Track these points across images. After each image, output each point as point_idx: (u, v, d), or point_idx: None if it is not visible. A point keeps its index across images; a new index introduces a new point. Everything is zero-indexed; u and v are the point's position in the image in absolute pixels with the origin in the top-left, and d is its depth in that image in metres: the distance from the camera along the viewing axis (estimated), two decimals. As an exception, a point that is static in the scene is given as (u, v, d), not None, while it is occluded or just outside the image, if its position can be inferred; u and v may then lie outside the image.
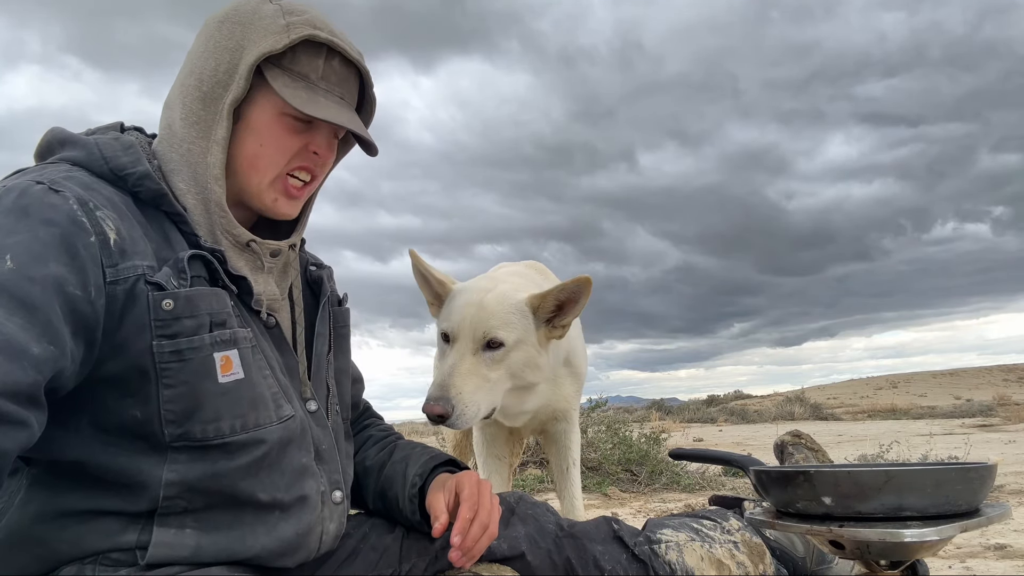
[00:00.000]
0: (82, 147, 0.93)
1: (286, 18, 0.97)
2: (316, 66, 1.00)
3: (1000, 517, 0.95)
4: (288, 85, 0.97)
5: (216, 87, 0.96)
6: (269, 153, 1.00)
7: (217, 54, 0.97)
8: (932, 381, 25.55)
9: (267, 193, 1.02)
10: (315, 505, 1.00)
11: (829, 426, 11.31)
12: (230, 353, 0.91)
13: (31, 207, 0.81)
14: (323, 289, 1.17)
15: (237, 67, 0.96)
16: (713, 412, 16.07)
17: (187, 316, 0.88)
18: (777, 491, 1.04)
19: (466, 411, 1.39)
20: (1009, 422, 10.63)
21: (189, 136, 0.97)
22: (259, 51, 0.95)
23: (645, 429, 5.51)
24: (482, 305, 1.47)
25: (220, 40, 0.97)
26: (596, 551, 1.16)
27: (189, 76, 0.99)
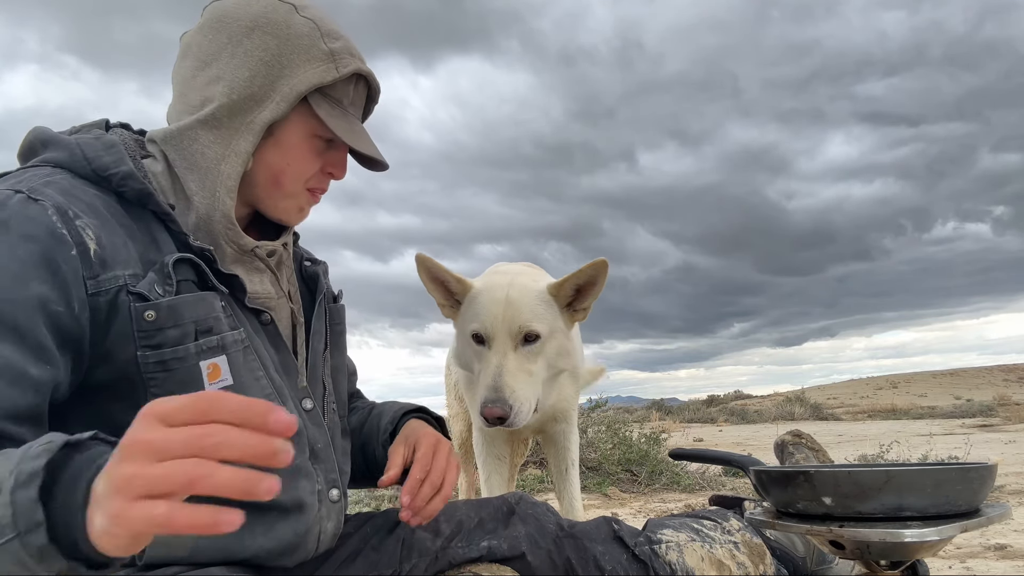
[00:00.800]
0: (63, 148, 0.92)
1: (327, 43, 0.98)
2: (348, 92, 1.03)
3: (1000, 517, 0.95)
4: (331, 115, 1.00)
5: (248, 100, 0.95)
6: (294, 171, 1.02)
7: (251, 65, 0.95)
8: (932, 381, 25.55)
9: (290, 207, 1.05)
10: (312, 505, 1.00)
11: (829, 426, 11.31)
12: (217, 360, 0.90)
13: (11, 221, 0.80)
14: (319, 286, 1.17)
15: (276, 86, 0.95)
16: (713, 412, 16.07)
17: (170, 326, 0.87)
18: (777, 491, 1.04)
19: (522, 408, 1.41)
20: (1009, 422, 10.63)
21: (207, 139, 0.96)
22: (310, 82, 0.96)
23: (645, 429, 5.51)
24: (510, 301, 1.47)
25: (253, 51, 0.96)
26: (596, 551, 1.16)
27: (217, 83, 0.96)
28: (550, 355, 1.51)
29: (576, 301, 1.56)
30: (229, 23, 0.97)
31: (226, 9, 0.99)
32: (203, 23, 1.00)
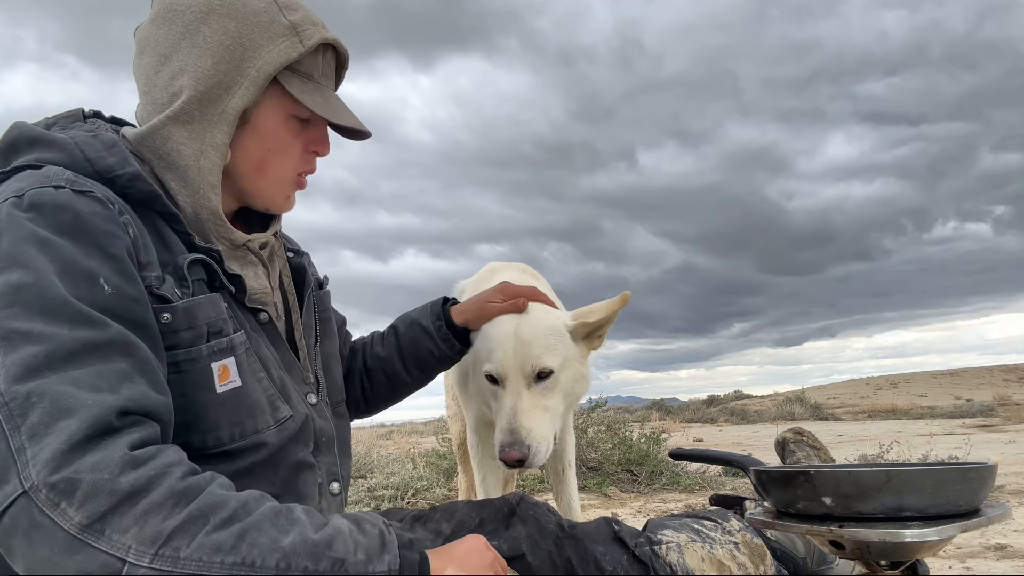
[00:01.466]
0: (59, 148, 0.87)
1: (286, 16, 0.94)
2: (318, 63, 1.00)
3: (1000, 517, 0.95)
4: (304, 91, 0.96)
5: (215, 88, 0.92)
6: (277, 157, 0.99)
7: (213, 52, 0.91)
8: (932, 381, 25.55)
9: (278, 194, 1.02)
10: (313, 497, 1.00)
11: (829, 426, 11.31)
12: (227, 361, 0.90)
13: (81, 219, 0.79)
14: (306, 280, 1.15)
15: (242, 70, 0.92)
16: (713, 412, 16.07)
17: (185, 328, 0.86)
18: (777, 491, 1.04)
19: (540, 448, 1.39)
20: (1009, 422, 10.63)
21: (181, 136, 0.92)
22: (276, 61, 0.92)
23: (645, 429, 5.50)
24: (520, 338, 1.43)
25: (212, 36, 0.91)
26: (597, 552, 1.16)
27: (180, 76, 0.91)
28: (565, 387, 1.49)
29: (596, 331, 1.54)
30: (182, 11, 0.93)
31: None
32: (155, 15, 0.95)
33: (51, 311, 0.72)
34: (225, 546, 0.67)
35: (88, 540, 0.64)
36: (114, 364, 0.74)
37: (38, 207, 0.78)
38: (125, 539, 0.64)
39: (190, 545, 0.66)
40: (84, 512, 0.64)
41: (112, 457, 0.67)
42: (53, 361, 0.70)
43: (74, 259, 0.76)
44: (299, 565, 0.69)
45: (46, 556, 0.64)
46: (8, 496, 0.65)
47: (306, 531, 0.72)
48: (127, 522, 0.65)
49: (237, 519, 0.69)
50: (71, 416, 0.67)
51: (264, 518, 0.71)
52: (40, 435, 0.66)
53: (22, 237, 0.76)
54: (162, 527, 0.66)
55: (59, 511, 0.64)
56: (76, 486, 0.65)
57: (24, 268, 0.73)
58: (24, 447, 0.65)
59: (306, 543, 0.70)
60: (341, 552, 0.72)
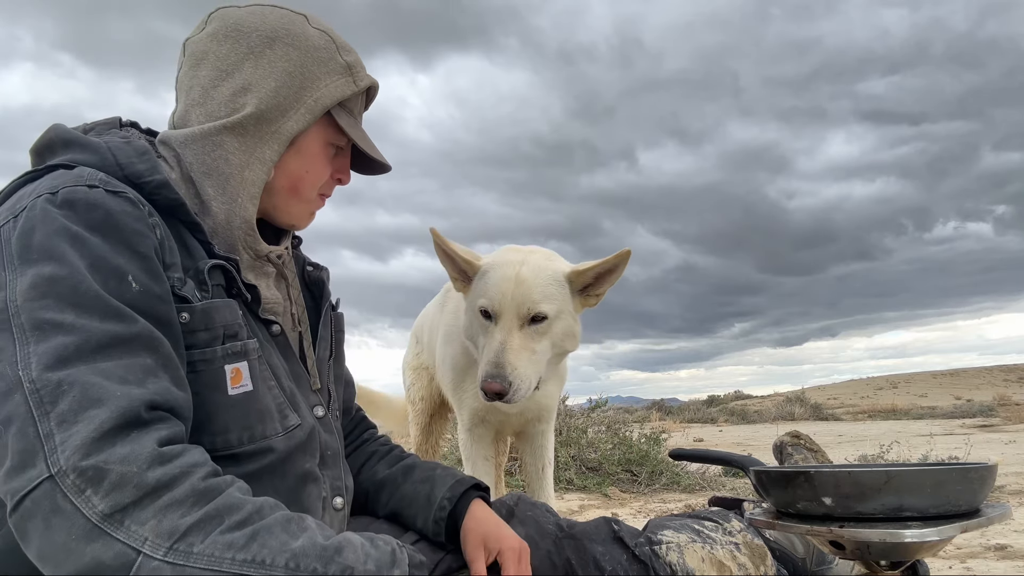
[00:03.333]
0: (92, 151, 0.90)
1: (343, 56, 1.03)
2: (359, 102, 1.08)
3: (1000, 517, 0.95)
4: (351, 125, 1.04)
5: (273, 110, 0.97)
6: (311, 179, 1.05)
7: (277, 76, 0.97)
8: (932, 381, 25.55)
9: (304, 213, 1.08)
10: (316, 510, 0.99)
11: (829, 426, 11.31)
12: (240, 365, 0.91)
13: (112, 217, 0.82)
14: (324, 293, 1.18)
15: (300, 98, 0.98)
16: (713, 412, 16.08)
17: (202, 329, 0.88)
18: (777, 492, 1.04)
19: (521, 386, 1.41)
20: (1009, 422, 10.63)
21: (232, 145, 0.96)
22: (334, 96, 1.00)
23: (645, 429, 5.50)
24: (520, 280, 1.46)
25: (276, 61, 0.98)
26: (596, 552, 1.16)
27: (243, 93, 0.96)
28: (556, 336, 1.50)
29: (592, 286, 1.56)
30: (247, 32, 0.98)
31: (241, 17, 1.00)
32: (216, 31, 0.99)
33: (83, 304, 0.75)
34: (237, 544, 0.69)
35: (107, 529, 0.66)
36: (140, 359, 0.76)
37: (71, 204, 0.81)
38: (143, 531, 0.66)
39: (204, 541, 0.68)
40: (108, 501, 0.66)
41: (142, 451, 0.69)
42: (84, 352, 0.72)
43: (104, 255, 0.79)
44: (308, 566, 0.71)
45: (62, 542, 0.66)
46: (33, 480, 0.67)
47: (316, 537, 0.74)
48: (147, 515, 0.67)
49: (251, 521, 0.72)
50: (101, 406, 0.69)
51: (276, 522, 0.73)
52: (69, 422, 0.68)
53: (55, 231, 0.78)
54: (179, 523, 0.68)
55: (83, 498, 0.66)
56: (104, 475, 0.66)
57: (57, 261, 0.76)
58: (53, 433, 0.67)
59: (315, 547, 0.73)
60: (351, 560, 0.74)
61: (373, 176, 1.17)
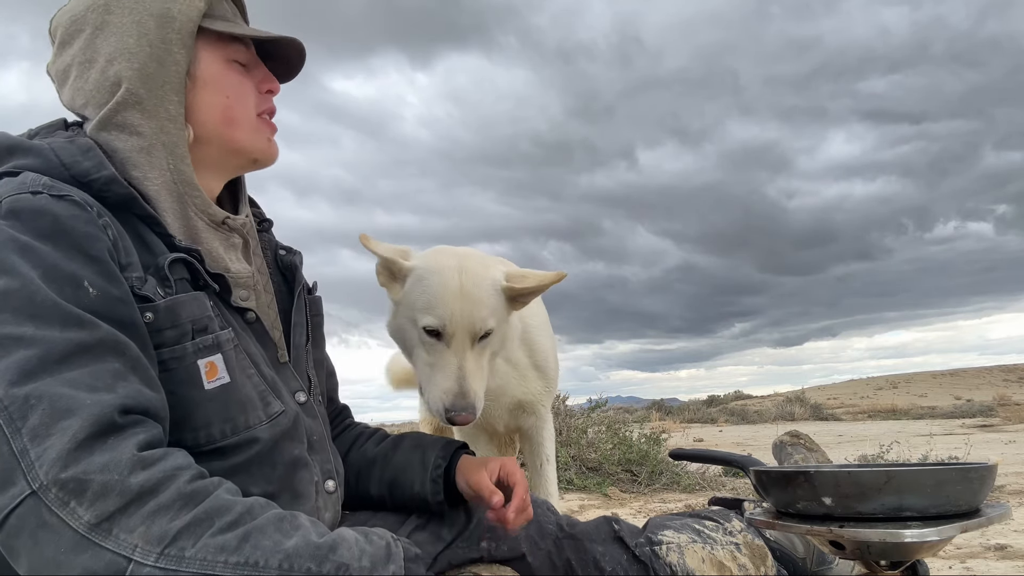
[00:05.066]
0: (36, 154, 0.88)
1: None
2: (224, 9, 1.02)
3: (1000, 517, 0.95)
4: (230, 28, 0.98)
5: (149, 63, 0.92)
6: (235, 102, 1.00)
7: (129, 32, 0.93)
8: (932, 381, 25.55)
9: (258, 139, 1.03)
10: (309, 495, 0.99)
11: (829, 426, 11.31)
12: (214, 358, 0.90)
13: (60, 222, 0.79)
14: (297, 277, 1.15)
15: (165, 36, 0.93)
16: (713, 412, 16.07)
17: (168, 327, 0.86)
18: (777, 491, 1.04)
19: (480, 407, 1.39)
20: (1009, 422, 10.63)
21: (135, 118, 0.92)
22: (191, 14, 0.94)
23: (645, 429, 5.50)
24: (466, 294, 1.40)
25: (122, 21, 0.93)
26: (597, 552, 1.16)
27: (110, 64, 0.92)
28: (496, 344, 1.49)
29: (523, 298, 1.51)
30: (82, 18, 0.95)
31: (70, 9, 0.97)
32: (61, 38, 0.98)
33: (40, 314, 0.73)
34: (229, 547, 0.68)
35: (95, 539, 0.65)
36: (107, 364, 0.74)
37: (16, 213, 0.79)
38: (132, 538, 0.66)
39: (195, 545, 0.67)
40: (94, 511, 0.65)
41: (121, 458, 0.68)
42: (47, 363, 0.71)
43: (56, 263, 0.77)
44: (302, 567, 0.70)
45: (51, 556, 0.65)
46: (15, 497, 0.66)
47: (310, 535, 0.73)
48: (135, 522, 0.66)
49: (242, 522, 0.71)
50: (72, 416, 0.68)
51: (268, 522, 0.72)
52: (42, 436, 0.67)
53: (2, 243, 0.76)
54: (168, 527, 0.67)
55: (68, 510, 0.65)
56: (87, 485, 0.66)
57: (8, 274, 0.74)
58: (27, 449, 0.66)
59: (309, 546, 0.72)
60: (345, 557, 0.73)
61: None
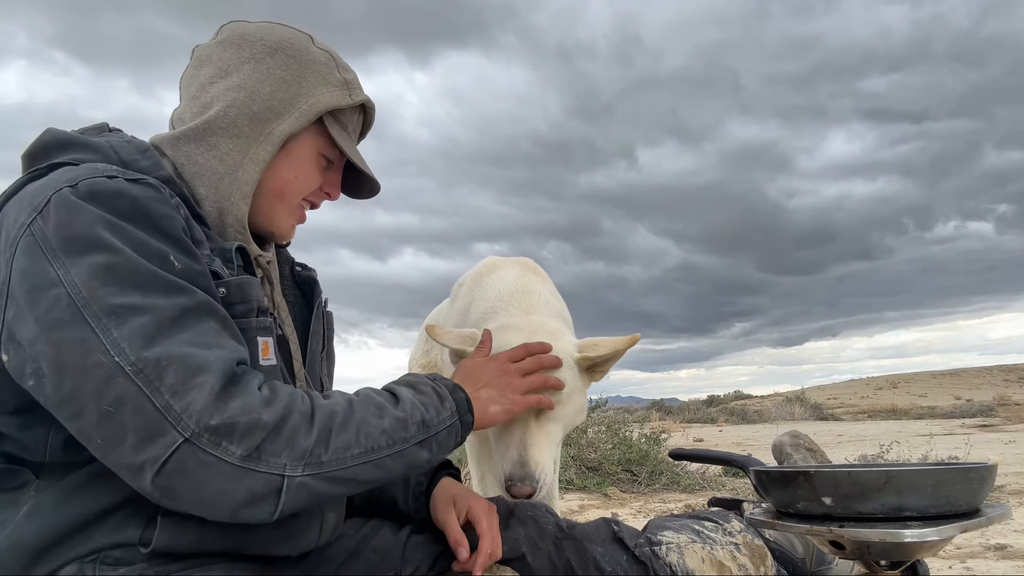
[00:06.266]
0: (94, 149, 0.92)
1: (341, 73, 1.07)
2: (353, 120, 1.11)
3: (1000, 517, 0.95)
4: (342, 137, 1.06)
5: (268, 111, 1.00)
6: (299, 185, 1.07)
7: (273, 81, 1.01)
8: (932, 381, 25.55)
9: (287, 220, 1.10)
10: None
11: (829, 426, 11.32)
12: (268, 339, 0.95)
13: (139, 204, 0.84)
14: (316, 290, 1.20)
15: (295, 103, 1.02)
16: (713, 412, 16.08)
17: (238, 302, 0.92)
18: (777, 491, 1.03)
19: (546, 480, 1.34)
20: (1009, 422, 10.64)
21: (227, 146, 0.99)
22: (328, 103, 1.03)
23: (645, 429, 5.51)
24: None
25: (275, 69, 1.02)
26: (596, 552, 1.16)
27: (237, 91, 1.00)
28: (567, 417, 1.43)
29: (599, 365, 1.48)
30: (252, 41, 1.03)
31: (248, 29, 1.04)
32: (223, 39, 1.04)
33: (144, 284, 0.80)
34: (351, 443, 0.84)
35: (250, 467, 0.77)
36: (208, 323, 0.83)
37: (95, 195, 0.82)
38: (280, 459, 0.79)
39: (327, 451, 0.82)
40: (243, 446, 0.77)
41: (253, 400, 0.79)
42: (163, 327, 0.79)
43: (143, 240, 0.82)
44: (400, 437, 0.89)
45: (218, 486, 0.77)
46: (169, 446, 0.75)
47: (393, 412, 0.91)
48: (279, 446, 0.79)
49: (350, 419, 0.86)
50: (204, 372, 0.77)
51: (364, 412, 0.88)
52: (181, 392, 0.76)
53: (93, 221, 0.80)
54: (305, 444, 0.81)
55: (221, 449, 0.76)
56: (233, 427, 0.77)
57: (107, 249, 0.79)
58: (171, 404, 0.75)
59: (396, 420, 0.90)
60: (419, 415, 0.93)
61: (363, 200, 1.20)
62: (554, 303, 1.76)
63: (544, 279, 1.89)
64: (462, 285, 1.98)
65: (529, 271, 1.88)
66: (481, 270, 1.91)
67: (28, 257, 0.79)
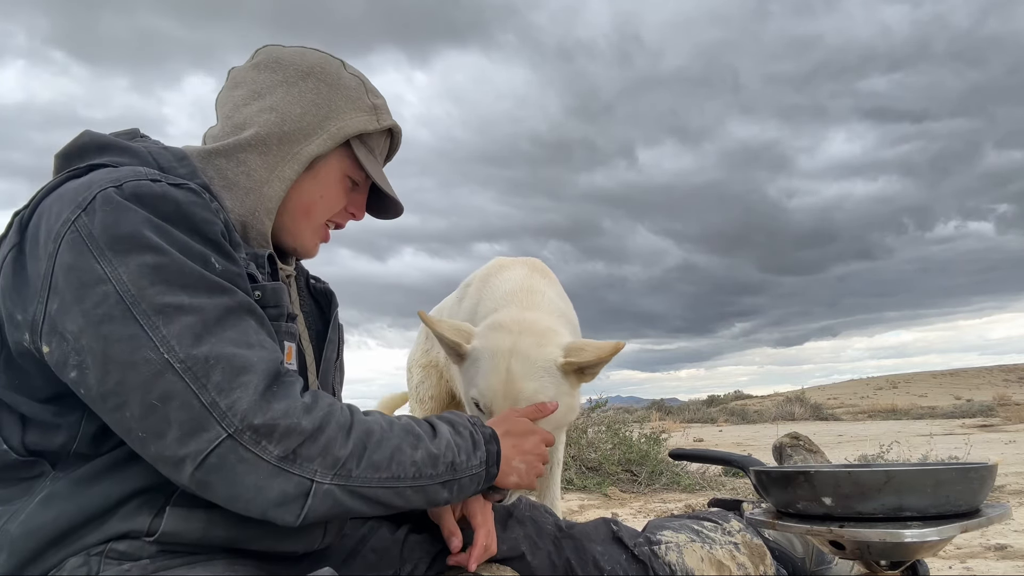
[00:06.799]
0: (132, 154, 0.94)
1: (370, 99, 1.10)
2: (380, 144, 1.13)
3: (1000, 517, 0.95)
4: (368, 161, 1.09)
5: (297, 132, 1.03)
6: (324, 205, 1.10)
7: (304, 104, 1.04)
8: (932, 381, 25.55)
9: (311, 238, 1.12)
10: None
11: (829, 426, 11.32)
12: (292, 345, 0.98)
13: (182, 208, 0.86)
14: (332, 302, 1.23)
15: (324, 126, 1.05)
16: (713, 412, 16.08)
17: (272, 305, 0.95)
18: (777, 491, 1.03)
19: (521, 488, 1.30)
20: (1009, 422, 10.64)
21: (255, 162, 1.01)
22: (356, 127, 1.07)
23: (645, 429, 5.51)
24: (511, 376, 1.37)
25: (306, 92, 1.05)
26: (596, 552, 1.16)
27: (269, 112, 1.03)
28: (554, 420, 1.39)
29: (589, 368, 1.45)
30: (286, 65, 1.06)
31: (283, 53, 1.08)
32: (258, 62, 1.07)
33: (190, 284, 0.82)
34: (382, 465, 0.88)
35: (285, 468, 0.81)
36: (248, 323, 0.86)
37: (139, 197, 0.84)
38: (312, 465, 0.82)
39: (358, 467, 0.86)
40: (282, 447, 0.80)
41: (295, 405, 0.83)
42: (209, 327, 0.82)
43: (186, 243, 0.85)
44: (427, 473, 0.92)
45: (253, 482, 0.80)
46: (212, 441, 0.78)
47: (428, 446, 0.93)
48: (313, 452, 0.82)
49: (386, 441, 0.89)
50: (249, 372, 0.81)
51: (401, 439, 0.91)
52: (227, 390, 0.79)
53: (140, 221, 0.82)
54: (338, 455, 0.84)
55: (260, 447, 0.79)
56: (274, 429, 0.80)
57: (155, 250, 0.82)
58: (216, 401, 0.78)
59: (429, 455, 0.92)
60: (451, 457, 0.95)
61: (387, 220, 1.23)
62: (558, 302, 1.75)
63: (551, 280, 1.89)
64: (469, 285, 1.98)
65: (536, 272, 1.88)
66: (490, 270, 1.92)
67: (74, 252, 0.80)
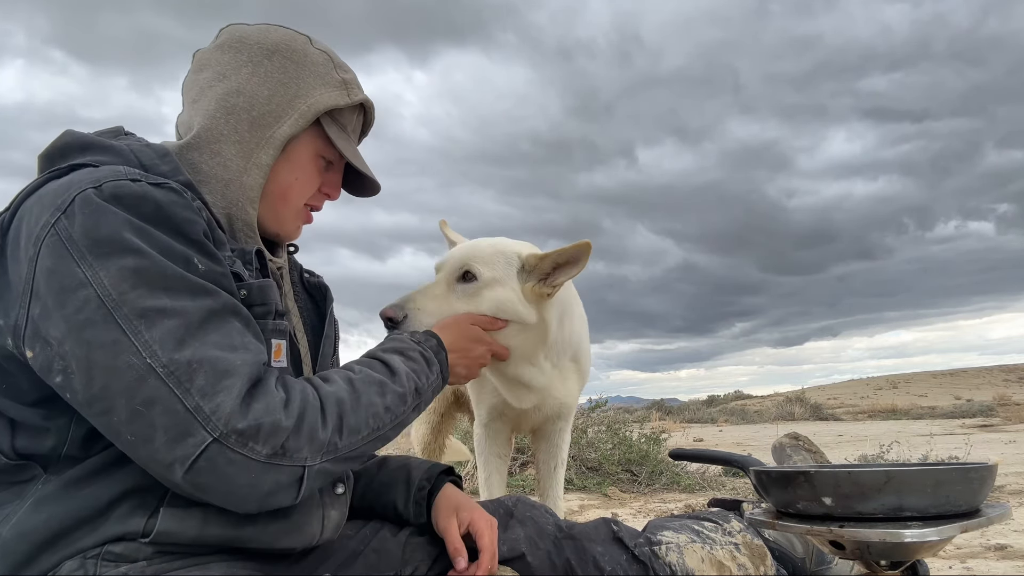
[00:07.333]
0: (115, 153, 0.93)
1: (339, 73, 1.07)
2: (352, 120, 1.11)
3: (1000, 517, 0.95)
4: (339, 137, 1.07)
5: (267, 116, 1.01)
6: (300, 187, 1.08)
7: (271, 85, 1.02)
8: (932, 381, 25.55)
9: (292, 221, 1.11)
10: (314, 495, 0.99)
11: (829, 426, 11.32)
12: (281, 342, 0.97)
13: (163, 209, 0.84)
14: (328, 297, 1.22)
15: (293, 105, 1.02)
16: (713, 412, 16.08)
17: (258, 304, 0.94)
18: (777, 491, 1.03)
19: (416, 322, 1.35)
20: (1009, 422, 10.64)
21: (229, 153, 1.00)
22: (326, 103, 1.04)
23: (645, 429, 5.50)
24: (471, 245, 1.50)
25: (273, 72, 1.03)
26: (596, 552, 1.16)
27: (236, 96, 1.01)
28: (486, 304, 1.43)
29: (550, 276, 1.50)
30: (250, 44, 1.03)
31: (246, 32, 1.05)
32: (221, 43, 1.05)
33: (172, 287, 0.82)
34: (361, 428, 0.92)
35: (276, 462, 0.82)
36: (232, 324, 0.86)
37: (119, 198, 0.83)
38: (301, 453, 0.84)
39: (342, 439, 0.89)
40: (269, 445, 0.82)
41: (274, 402, 0.83)
42: (192, 330, 0.81)
43: (169, 244, 0.84)
44: (399, 411, 0.97)
45: (246, 480, 0.81)
46: (199, 445, 0.78)
47: (393, 387, 0.98)
48: (300, 443, 0.84)
49: (358, 403, 0.92)
50: (231, 376, 0.81)
51: (368, 394, 0.94)
52: (210, 394, 0.79)
53: (120, 224, 0.81)
54: (323, 437, 0.87)
55: (248, 448, 0.80)
56: (259, 429, 0.81)
57: (136, 253, 0.81)
58: (200, 406, 0.78)
59: (396, 396, 0.97)
60: (412, 385, 1.01)
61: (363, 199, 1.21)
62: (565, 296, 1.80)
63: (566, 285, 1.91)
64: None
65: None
66: None
67: (54, 257, 0.80)
